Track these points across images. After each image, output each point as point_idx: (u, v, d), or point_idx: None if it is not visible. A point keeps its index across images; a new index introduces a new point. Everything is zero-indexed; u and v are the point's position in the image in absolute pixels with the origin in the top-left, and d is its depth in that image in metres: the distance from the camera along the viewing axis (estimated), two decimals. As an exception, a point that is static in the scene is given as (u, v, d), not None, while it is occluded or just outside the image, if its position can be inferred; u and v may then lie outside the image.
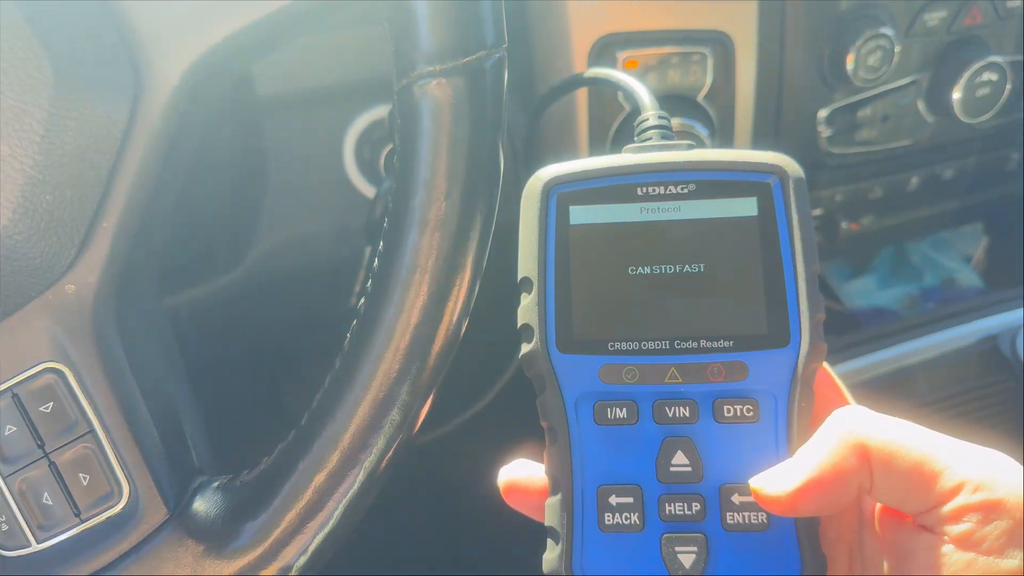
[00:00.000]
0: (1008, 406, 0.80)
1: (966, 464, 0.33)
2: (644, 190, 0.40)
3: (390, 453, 0.40)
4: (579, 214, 0.40)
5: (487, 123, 0.40)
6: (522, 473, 0.41)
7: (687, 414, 0.38)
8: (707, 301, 0.39)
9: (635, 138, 0.44)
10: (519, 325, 0.40)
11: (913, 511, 0.35)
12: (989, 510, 0.33)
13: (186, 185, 0.46)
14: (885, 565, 0.37)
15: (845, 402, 0.42)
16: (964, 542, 0.33)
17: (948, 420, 0.80)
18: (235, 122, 0.75)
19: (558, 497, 0.38)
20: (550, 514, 0.39)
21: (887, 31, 0.72)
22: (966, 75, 0.74)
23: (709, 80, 0.71)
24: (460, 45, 0.39)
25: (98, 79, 0.39)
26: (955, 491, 0.33)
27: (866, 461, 0.34)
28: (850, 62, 0.72)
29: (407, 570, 1.18)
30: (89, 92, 0.39)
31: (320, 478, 0.39)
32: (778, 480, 0.35)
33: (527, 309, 0.39)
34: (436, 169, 0.39)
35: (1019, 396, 0.80)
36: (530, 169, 0.41)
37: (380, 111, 0.78)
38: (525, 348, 0.39)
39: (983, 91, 0.75)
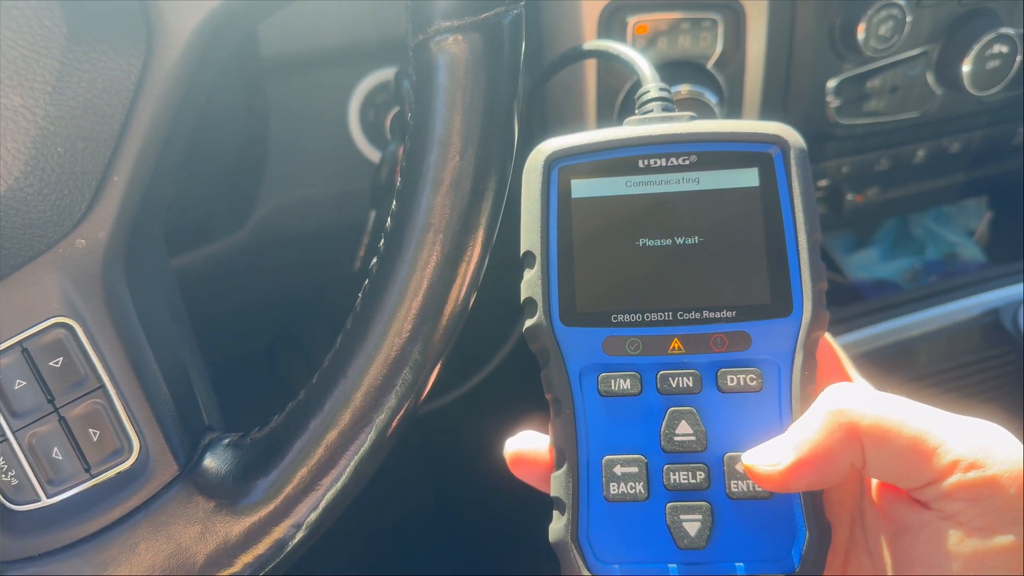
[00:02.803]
0: (1009, 379, 0.81)
1: (960, 441, 0.33)
2: (645, 162, 0.40)
3: (402, 412, 0.40)
4: (580, 187, 0.40)
5: (504, 80, 0.39)
6: (528, 445, 0.42)
7: (690, 384, 0.38)
8: (709, 272, 0.39)
9: (636, 111, 0.44)
10: (522, 299, 0.40)
11: (908, 487, 0.35)
12: (982, 488, 0.33)
13: (188, 147, 0.45)
14: (883, 536, 0.38)
15: (846, 374, 0.42)
16: (958, 519, 0.33)
17: (949, 393, 0.81)
18: (238, 83, 0.74)
19: (564, 468, 0.39)
20: (556, 485, 0.39)
21: (899, 0, 0.71)
22: (976, 47, 0.74)
23: (719, 47, 0.70)
24: (477, 1, 0.38)
25: (111, 31, 0.39)
26: (949, 470, 0.33)
27: (856, 440, 0.34)
28: (861, 31, 0.72)
29: (408, 544, 1.18)
30: (102, 44, 0.39)
31: (332, 436, 0.39)
32: (769, 457, 0.36)
33: (530, 283, 0.40)
34: (451, 126, 0.39)
35: (1020, 370, 0.80)
36: (533, 140, 0.41)
37: (385, 73, 0.77)
38: (529, 322, 0.40)
39: (993, 63, 0.75)
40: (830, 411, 0.35)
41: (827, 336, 0.41)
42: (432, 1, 0.38)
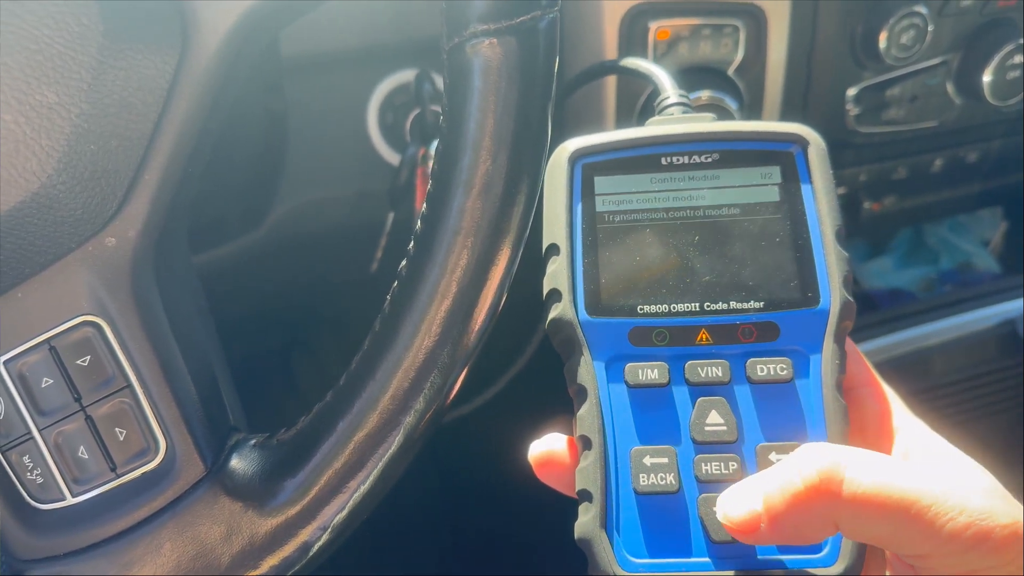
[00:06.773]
0: (1025, 390, 0.81)
1: (952, 513, 0.32)
2: (669, 160, 0.40)
3: (429, 415, 0.40)
4: (604, 184, 0.41)
5: (538, 85, 0.39)
6: (557, 446, 0.40)
7: (720, 374, 0.38)
8: (735, 264, 0.39)
9: (657, 115, 0.45)
10: (545, 292, 0.40)
11: (899, 554, 0.35)
12: (975, 563, 0.32)
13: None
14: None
15: (871, 376, 0.42)
16: None
17: (965, 404, 0.80)
18: (257, 83, 0.74)
19: (590, 460, 0.38)
20: (582, 478, 0.38)
21: (921, 9, 0.71)
22: (997, 57, 0.74)
23: (740, 53, 0.70)
24: (514, 4, 0.38)
25: (146, 31, 0.39)
26: (937, 552, 0.32)
27: (831, 516, 0.33)
28: (883, 39, 0.71)
29: (413, 554, 1.18)
30: (137, 43, 0.39)
31: (360, 437, 0.39)
32: (743, 510, 0.34)
33: (554, 275, 0.40)
34: (484, 130, 0.38)
35: (1036, 380, 0.80)
36: (554, 143, 0.41)
37: (405, 75, 0.77)
38: (553, 313, 0.39)
39: (1014, 74, 0.75)
40: (807, 478, 0.33)
41: (850, 340, 0.41)
42: (468, 5, 0.38)
